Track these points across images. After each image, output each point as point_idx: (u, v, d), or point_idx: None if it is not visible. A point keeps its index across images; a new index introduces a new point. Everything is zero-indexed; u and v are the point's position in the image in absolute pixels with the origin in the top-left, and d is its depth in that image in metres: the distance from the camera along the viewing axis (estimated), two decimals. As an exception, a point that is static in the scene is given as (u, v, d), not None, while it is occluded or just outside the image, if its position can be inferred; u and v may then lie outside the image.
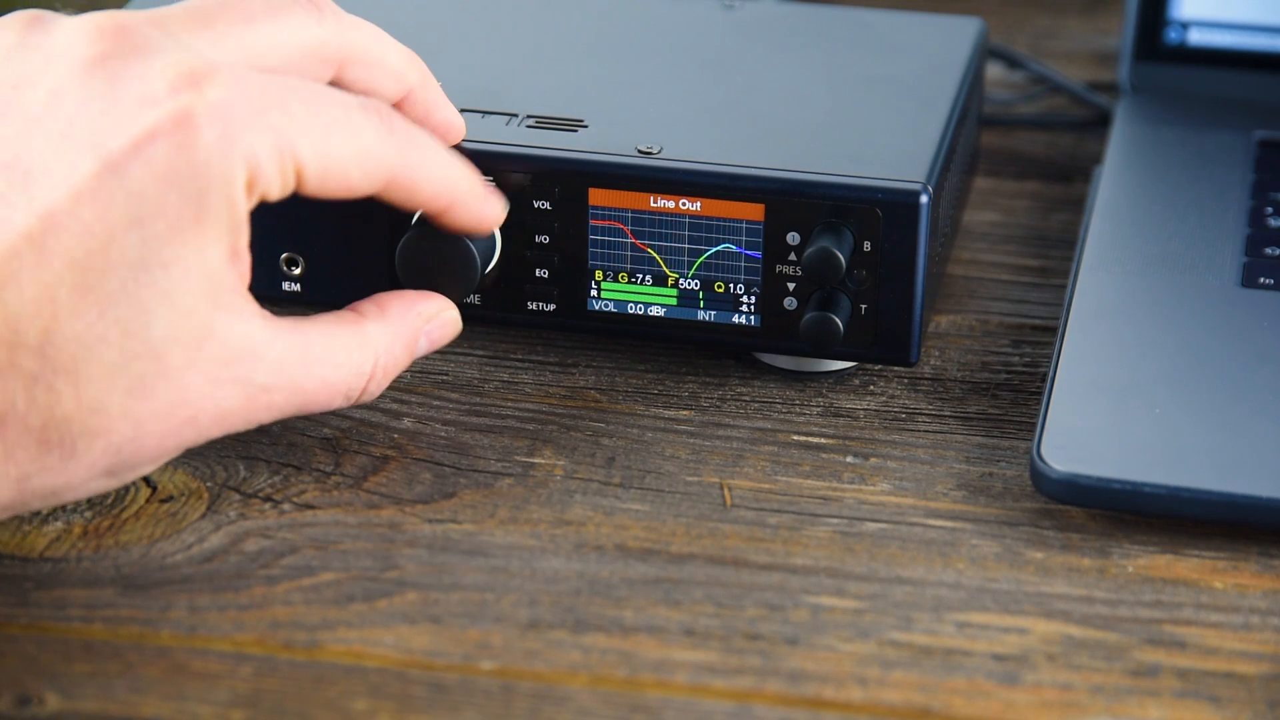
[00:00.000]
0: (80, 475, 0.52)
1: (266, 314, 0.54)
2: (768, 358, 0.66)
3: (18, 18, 0.54)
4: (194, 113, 0.52)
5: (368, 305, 0.59)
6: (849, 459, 0.62)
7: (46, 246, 0.51)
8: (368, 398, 0.58)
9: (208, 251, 0.52)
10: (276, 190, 0.53)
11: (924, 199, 0.61)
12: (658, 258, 0.63)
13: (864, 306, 0.63)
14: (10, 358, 0.50)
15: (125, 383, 0.51)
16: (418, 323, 0.59)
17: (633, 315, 0.64)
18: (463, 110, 0.64)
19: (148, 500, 0.59)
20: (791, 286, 0.63)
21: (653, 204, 0.63)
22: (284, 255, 0.65)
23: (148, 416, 0.52)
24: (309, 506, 0.59)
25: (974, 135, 0.73)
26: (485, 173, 0.63)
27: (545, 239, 0.63)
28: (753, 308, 0.63)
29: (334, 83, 0.58)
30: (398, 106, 0.59)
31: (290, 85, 0.54)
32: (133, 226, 0.51)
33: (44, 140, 0.51)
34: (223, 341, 0.53)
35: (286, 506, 0.59)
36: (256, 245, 0.55)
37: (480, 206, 0.60)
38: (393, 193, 0.57)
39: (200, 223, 0.52)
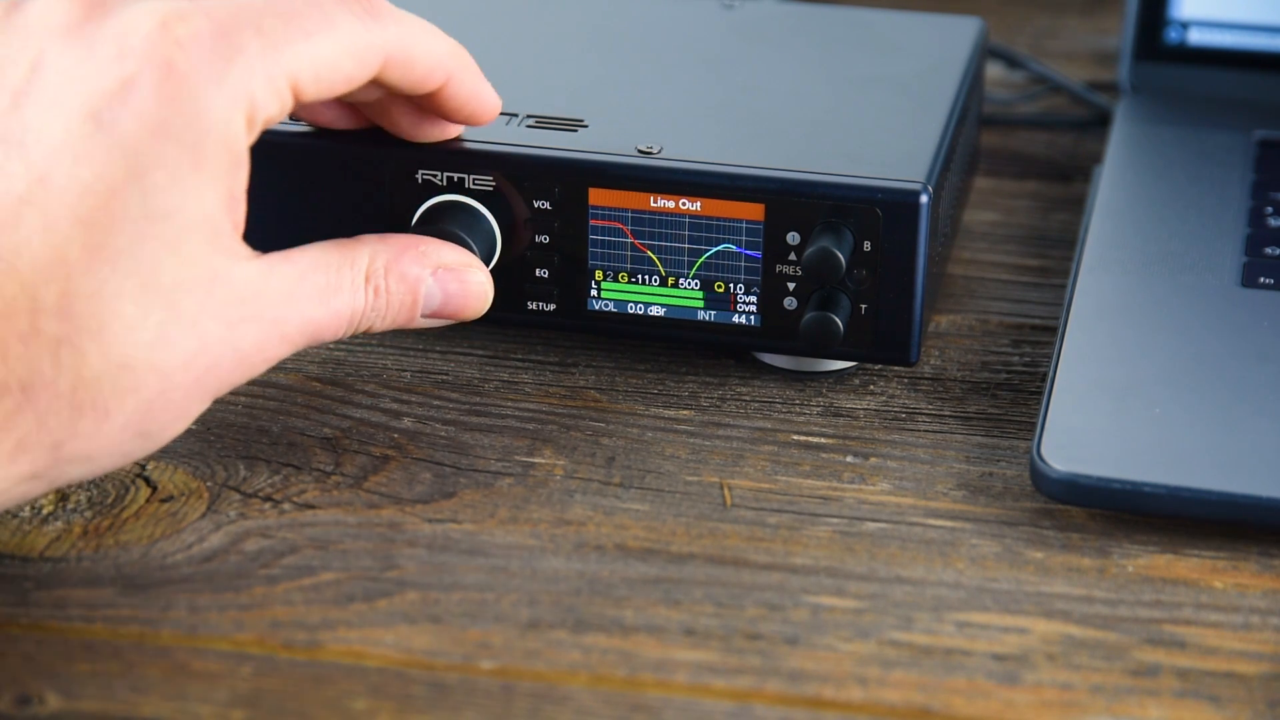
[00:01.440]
0: (115, 437, 0.52)
1: (257, 253, 0.55)
2: (768, 358, 0.66)
3: None
4: (173, 59, 0.52)
5: (369, 235, 0.58)
6: (849, 459, 0.62)
7: (51, 210, 0.51)
8: (369, 324, 0.57)
9: (205, 198, 0.52)
10: (278, 112, 0.54)
11: (924, 199, 0.61)
12: (655, 259, 0.63)
13: (864, 306, 0.62)
14: (33, 323, 0.51)
15: (147, 336, 0.52)
16: (422, 260, 0.59)
17: (633, 315, 0.64)
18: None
19: (148, 500, 0.59)
20: (791, 286, 0.63)
21: (653, 204, 0.63)
22: (284, 255, 0.65)
23: (173, 368, 0.52)
24: (309, 506, 0.59)
25: (974, 135, 0.73)
26: (486, 173, 0.63)
27: (545, 239, 0.63)
28: (753, 308, 0.63)
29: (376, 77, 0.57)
30: (439, 93, 0.59)
31: (258, 2, 0.54)
32: (132, 180, 0.52)
33: (33, 110, 0.52)
34: (228, 284, 0.53)
35: (286, 506, 0.59)
36: (256, 247, 0.55)
37: (479, 81, 0.59)
38: (391, 72, 0.57)
39: (198, 170, 0.52)
